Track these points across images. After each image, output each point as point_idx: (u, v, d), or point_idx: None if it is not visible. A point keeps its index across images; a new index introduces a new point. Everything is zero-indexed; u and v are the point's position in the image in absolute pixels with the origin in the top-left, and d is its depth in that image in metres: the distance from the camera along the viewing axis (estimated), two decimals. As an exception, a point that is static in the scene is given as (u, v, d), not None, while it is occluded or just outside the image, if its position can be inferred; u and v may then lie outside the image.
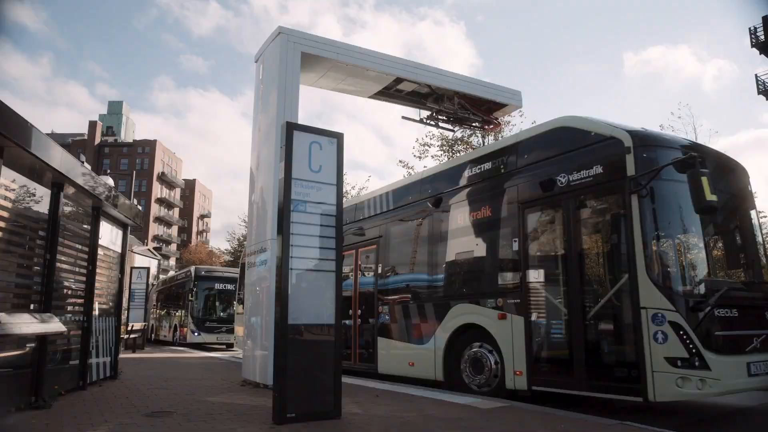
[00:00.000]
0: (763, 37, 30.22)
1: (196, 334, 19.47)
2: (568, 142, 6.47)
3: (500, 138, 20.30)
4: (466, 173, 7.96)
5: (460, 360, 7.33)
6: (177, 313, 22.23)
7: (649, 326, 5.24)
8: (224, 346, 20.08)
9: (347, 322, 9.79)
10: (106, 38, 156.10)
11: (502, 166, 7.34)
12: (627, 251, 5.55)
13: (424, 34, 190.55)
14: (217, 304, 20.59)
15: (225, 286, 20.41)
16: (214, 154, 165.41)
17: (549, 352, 6.34)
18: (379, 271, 9.22)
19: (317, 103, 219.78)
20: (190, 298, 19.90)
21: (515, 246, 6.78)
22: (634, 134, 5.78)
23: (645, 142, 5.77)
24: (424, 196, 8.61)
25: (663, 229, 5.75)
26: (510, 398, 6.39)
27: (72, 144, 73.67)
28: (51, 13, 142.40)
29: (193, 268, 21.49)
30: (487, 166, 7.59)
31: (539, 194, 6.61)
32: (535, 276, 6.49)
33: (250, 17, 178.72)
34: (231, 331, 17.84)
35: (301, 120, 7.95)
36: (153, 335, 25.43)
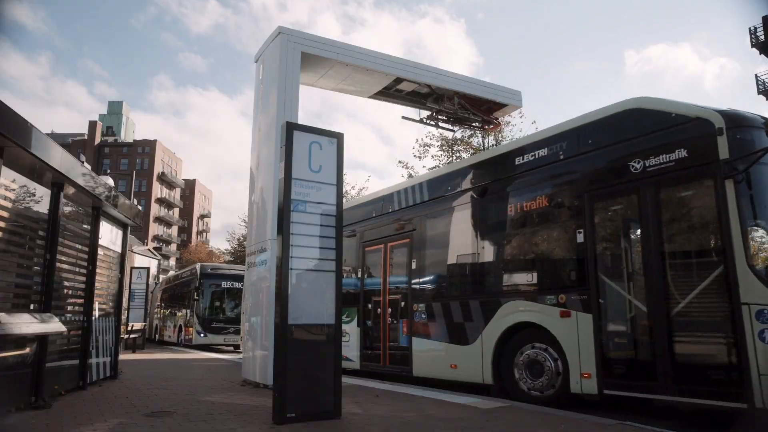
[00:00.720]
0: (763, 37, 30.22)
1: (202, 335, 18.54)
2: (642, 124, 5.94)
3: (500, 138, 20.30)
4: (518, 160, 7.31)
5: (512, 362, 6.75)
6: (182, 313, 21.21)
7: (753, 324, 4.76)
8: (232, 348, 19.12)
9: (368, 322, 9.45)
10: (104, 37, 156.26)
11: (561, 152, 6.74)
12: (721, 241, 5.11)
13: (424, 32, 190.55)
14: (225, 303, 19.49)
15: (232, 285, 19.25)
16: (213, 153, 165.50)
17: (624, 353, 5.75)
18: (413, 266, 8.52)
19: (317, 103, 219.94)
20: (195, 297, 18.95)
21: (579, 237, 6.22)
22: (725, 114, 5.32)
23: (738, 122, 5.31)
24: (466, 186, 7.93)
25: (764, 217, 5.36)
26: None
27: (72, 144, 73.66)
28: (49, 11, 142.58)
29: (198, 266, 20.30)
30: (543, 152, 6.97)
31: (608, 181, 6.12)
32: (606, 269, 5.98)
33: (248, 15, 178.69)
34: (239, 331, 16.98)
35: (301, 119, 7.97)
36: (157, 336, 24.63)
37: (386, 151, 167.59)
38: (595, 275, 6.00)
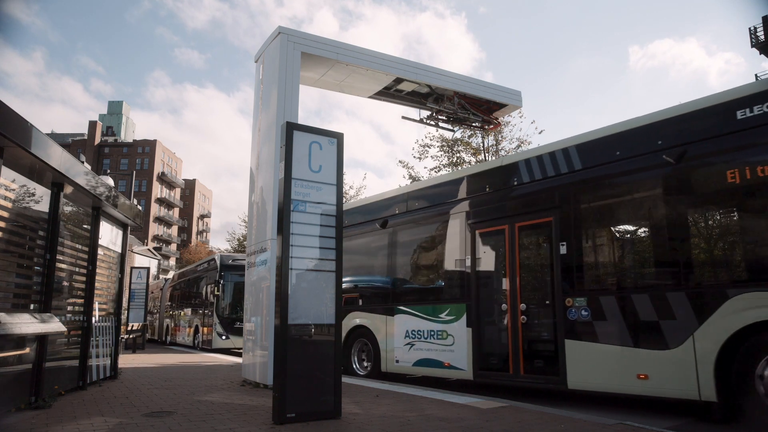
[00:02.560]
0: (763, 37, 30.23)
1: (223, 337, 16.16)
2: None
3: (500, 138, 20.29)
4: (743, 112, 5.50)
5: (749, 373, 5.18)
6: (198, 312, 18.50)
7: None
8: None
9: (485, 321, 7.54)
10: (98, 32, 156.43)
11: None
12: None
13: (424, 27, 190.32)
14: None
15: None
16: (212, 152, 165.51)
17: None
18: (563, 250, 6.69)
19: (316, 100, 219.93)
20: (216, 293, 16.41)
21: None
22: None
23: None
24: (651, 149, 6.11)
25: None
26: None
27: (72, 144, 73.77)
28: (42, 5, 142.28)
29: (218, 256, 17.48)
30: None
31: None
32: None
33: (246, 10, 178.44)
34: None
35: (300, 117, 7.96)
36: (168, 338, 22.28)
37: (386, 149, 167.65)
38: None
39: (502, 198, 7.66)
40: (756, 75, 31.66)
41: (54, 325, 5.60)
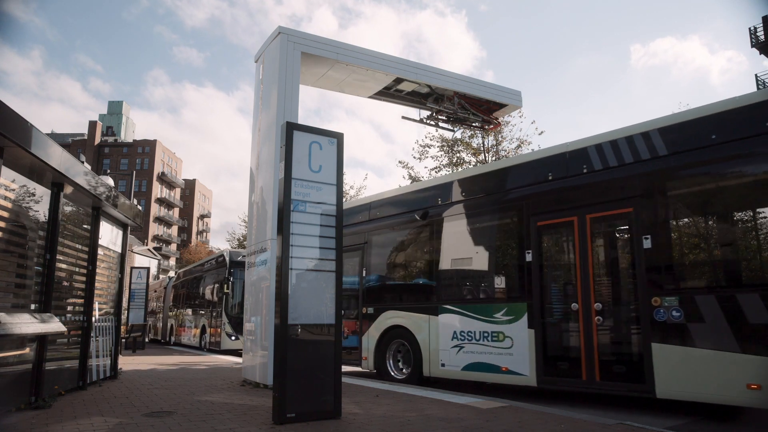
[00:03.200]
0: (763, 37, 30.24)
1: (233, 337, 15.57)
2: None
3: (500, 138, 20.28)
4: None
5: None
6: (205, 311, 17.68)
7: None
8: None
9: (551, 322, 6.76)
10: (96, 30, 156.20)
11: None
12: None
13: (424, 25, 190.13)
14: None
15: None
16: (211, 151, 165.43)
17: None
18: (647, 244, 6.02)
19: (315, 99, 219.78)
20: (225, 291, 15.74)
21: None
22: None
23: None
24: (759, 130, 5.44)
25: None
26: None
27: (72, 144, 73.79)
28: (39, 3, 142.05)
29: (227, 253, 16.75)
30: None
31: None
32: None
33: (244, 8, 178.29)
34: None
35: (300, 116, 7.96)
36: (172, 338, 21.50)
37: (386, 149, 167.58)
38: None
39: (569, 187, 6.89)
40: (756, 75, 31.65)
41: (54, 325, 5.60)
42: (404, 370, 8.62)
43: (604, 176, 6.61)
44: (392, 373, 8.79)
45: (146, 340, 18.99)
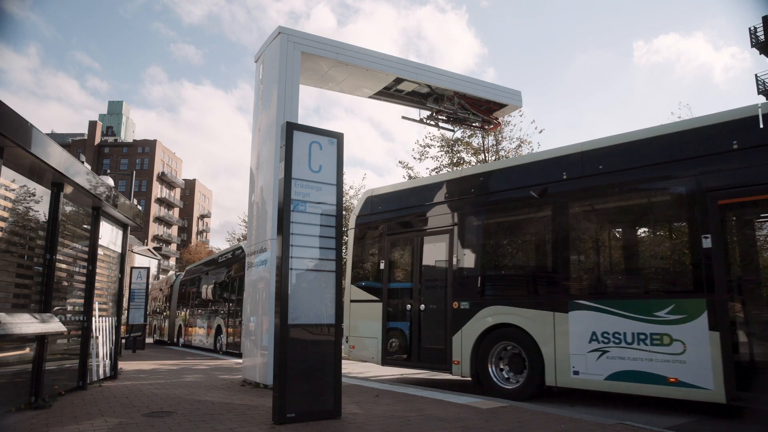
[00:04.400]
0: (763, 37, 30.25)
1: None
2: None
3: (500, 138, 20.28)
4: None
5: None
6: (221, 310, 16.22)
7: None
8: None
9: (746, 322, 5.59)
10: (93, 27, 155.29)
11: None
12: None
13: (424, 22, 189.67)
14: None
15: None
16: (210, 150, 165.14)
17: None
18: None
19: (315, 98, 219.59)
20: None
21: None
22: None
23: None
24: None
25: None
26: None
27: (72, 144, 73.81)
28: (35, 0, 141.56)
29: (245, 244, 15.21)
30: None
31: None
32: None
33: (242, 4, 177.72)
34: None
35: (299, 115, 7.95)
36: (181, 340, 20.28)
37: (386, 147, 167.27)
38: None
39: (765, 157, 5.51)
40: (756, 75, 31.65)
41: (54, 325, 5.60)
42: (511, 379, 7.21)
43: None
44: (497, 382, 7.25)
45: (151, 340, 18.63)
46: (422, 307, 8.32)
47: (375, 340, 8.87)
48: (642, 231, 6.84)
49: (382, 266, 9.11)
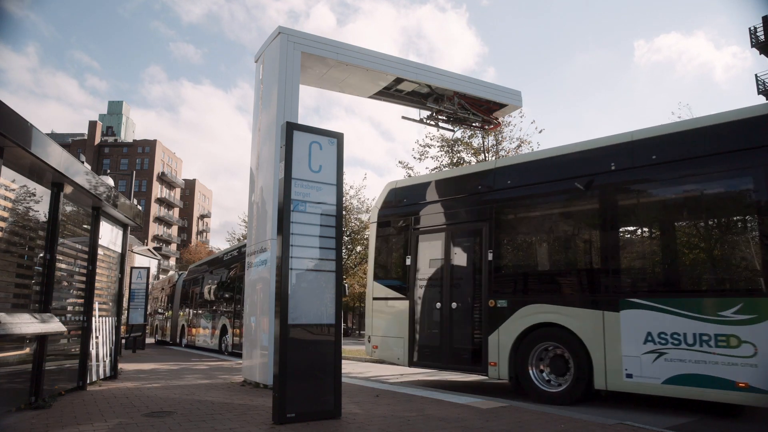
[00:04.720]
0: (763, 37, 30.25)
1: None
2: None
3: (500, 138, 20.27)
4: None
5: None
6: (226, 310, 15.75)
7: None
8: None
9: None
10: (92, 26, 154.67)
11: None
12: None
13: (424, 21, 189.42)
14: None
15: None
16: (210, 150, 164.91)
17: None
18: None
19: (314, 98, 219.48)
20: None
21: None
22: None
23: None
24: None
25: None
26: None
27: (72, 144, 73.82)
28: None
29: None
30: None
31: None
32: None
33: (242, 3, 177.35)
34: None
35: (299, 114, 7.95)
36: (184, 340, 19.95)
37: (386, 147, 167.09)
38: None
39: None
40: (756, 75, 31.65)
41: (54, 325, 5.60)
42: (552, 381, 6.84)
43: None
44: (538, 385, 6.87)
45: (153, 341, 18.64)
46: (453, 305, 7.90)
47: (401, 340, 8.42)
48: (702, 225, 6.36)
49: (408, 261, 8.64)
